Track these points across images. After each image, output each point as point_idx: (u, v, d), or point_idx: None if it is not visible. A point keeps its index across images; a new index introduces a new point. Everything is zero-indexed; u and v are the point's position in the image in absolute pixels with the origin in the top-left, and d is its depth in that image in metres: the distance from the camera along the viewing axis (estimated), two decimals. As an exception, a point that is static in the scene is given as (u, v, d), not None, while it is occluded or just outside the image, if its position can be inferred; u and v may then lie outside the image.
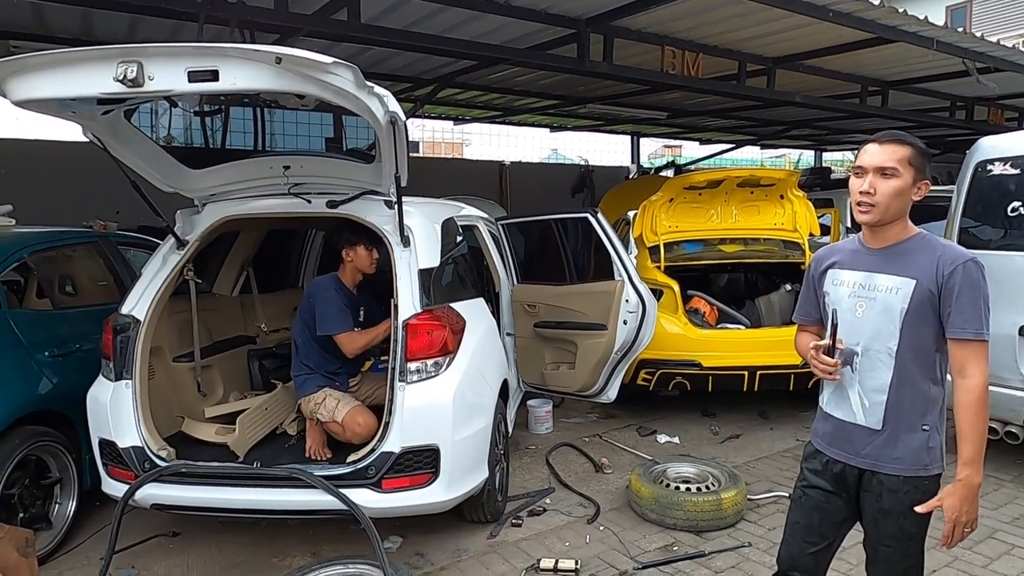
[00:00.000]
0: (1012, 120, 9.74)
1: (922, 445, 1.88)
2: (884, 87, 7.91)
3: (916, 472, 1.88)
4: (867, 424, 1.93)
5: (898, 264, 1.88)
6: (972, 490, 1.81)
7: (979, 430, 1.82)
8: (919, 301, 1.84)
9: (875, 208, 1.85)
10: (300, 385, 3.53)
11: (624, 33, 5.64)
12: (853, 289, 1.95)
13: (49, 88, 2.43)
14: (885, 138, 1.87)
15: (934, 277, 1.82)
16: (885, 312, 1.88)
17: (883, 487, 1.91)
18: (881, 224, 1.89)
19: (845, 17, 5.22)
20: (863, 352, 1.92)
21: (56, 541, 3.41)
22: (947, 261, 1.82)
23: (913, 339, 1.86)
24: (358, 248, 3.60)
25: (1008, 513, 3.69)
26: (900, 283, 1.86)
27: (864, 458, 1.94)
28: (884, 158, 1.84)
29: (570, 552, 3.34)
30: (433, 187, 5.21)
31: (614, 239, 4.42)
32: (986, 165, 4.32)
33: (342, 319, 3.47)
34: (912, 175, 1.84)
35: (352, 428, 3.28)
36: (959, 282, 1.81)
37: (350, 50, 6.05)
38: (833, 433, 2.02)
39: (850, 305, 1.95)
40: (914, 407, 1.89)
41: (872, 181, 1.84)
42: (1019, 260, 4.09)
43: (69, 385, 3.49)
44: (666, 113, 10.17)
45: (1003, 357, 4.08)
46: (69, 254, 4.23)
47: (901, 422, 1.89)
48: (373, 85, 2.59)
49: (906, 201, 1.86)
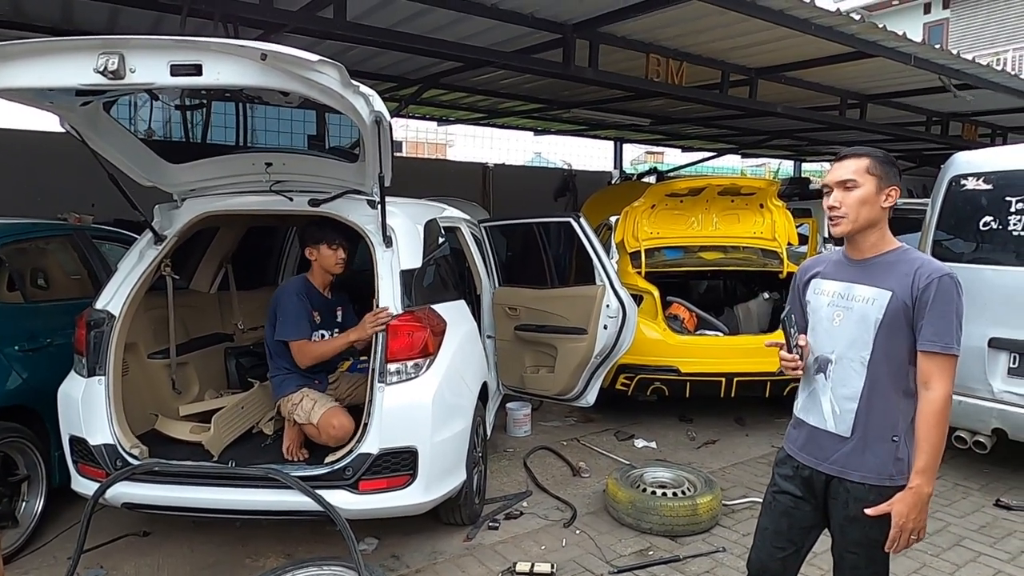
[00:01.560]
0: (985, 136, 9.96)
1: (890, 455, 1.91)
2: (863, 100, 8.06)
3: (882, 482, 1.90)
4: (837, 431, 1.96)
5: (876, 276, 1.92)
6: (922, 499, 1.83)
7: (935, 442, 1.83)
8: (894, 312, 1.87)
9: (844, 219, 1.92)
10: (278, 386, 3.47)
11: (610, 40, 5.68)
12: (832, 298, 2.00)
13: (27, 77, 2.38)
14: (844, 154, 1.96)
15: (909, 289, 1.86)
16: (861, 322, 1.92)
17: (849, 495, 1.94)
18: (854, 234, 1.95)
19: (826, 31, 5.31)
20: (837, 360, 1.97)
21: (22, 539, 3.34)
22: (923, 274, 1.86)
23: (886, 349, 1.89)
24: (320, 247, 3.49)
25: (975, 521, 3.76)
26: (876, 294, 1.90)
27: (832, 464, 1.98)
28: (843, 172, 1.93)
29: (546, 556, 3.35)
30: (416, 188, 5.19)
31: (596, 244, 4.44)
32: (960, 180, 4.42)
33: (298, 327, 3.37)
34: (874, 183, 1.90)
35: (327, 431, 3.23)
36: (933, 295, 1.83)
37: (335, 48, 6.01)
38: (804, 439, 2.06)
39: (828, 314, 2.00)
40: (884, 417, 1.92)
41: (836, 195, 1.93)
42: (990, 273, 4.19)
43: (39, 380, 3.43)
44: (649, 120, 10.25)
45: (973, 368, 4.17)
46: (42, 247, 4.15)
47: (870, 431, 1.92)
48: (359, 84, 2.57)
49: (875, 209, 1.92)
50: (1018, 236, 4.09)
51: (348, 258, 3.59)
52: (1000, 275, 4.14)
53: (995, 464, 4.49)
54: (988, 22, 17.44)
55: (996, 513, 3.87)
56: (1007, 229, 4.14)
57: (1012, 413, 4.02)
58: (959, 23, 18.19)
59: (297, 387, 3.40)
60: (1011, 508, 3.90)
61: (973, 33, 17.50)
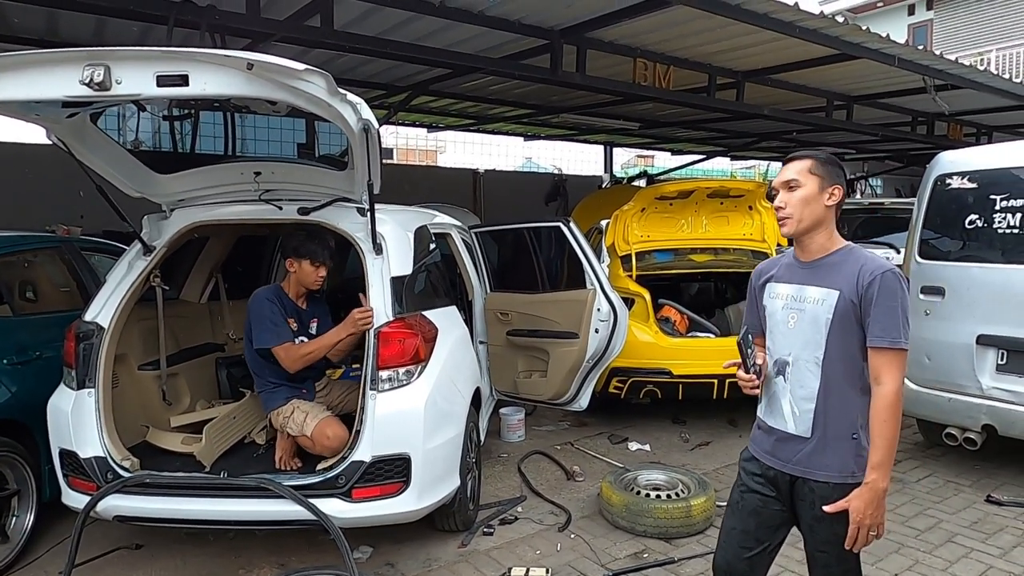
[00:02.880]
0: (970, 136, 10.06)
1: (851, 453, 1.93)
2: (849, 101, 8.12)
3: (844, 479, 1.92)
4: (797, 432, 1.99)
5: (825, 276, 1.96)
6: (877, 494, 1.85)
7: (888, 436, 1.85)
8: (842, 311, 1.90)
9: (790, 219, 1.97)
10: (266, 400, 3.44)
11: (597, 44, 5.71)
12: (786, 301, 2.03)
13: (12, 90, 2.38)
14: (789, 158, 2.03)
15: (855, 287, 1.89)
16: (813, 323, 1.95)
17: (815, 495, 1.95)
18: (801, 234, 1.99)
19: (811, 33, 5.35)
20: (793, 362, 2.00)
21: (13, 555, 3.31)
22: (867, 272, 1.89)
23: (838, 348, 1.92)
24: (303, 262, 3.43)
25: (967, 517, 3.79)
26: (825, 294, 1.94)
27: (795, 466, 2.00)
28: (787, 173, 1.99)
29: (541, 560, 3.35)
30: (406, 194, 5.20)
31: (586, 248, 4.45)
32: (945, 179, 4.46)
33: (277, 331, 3.31)
34: (817, 182, 1.95)
35: (321, 442, 3.21)
36: (877, 292, 1.86)
37: (323, 56, 6.01)
38: (767, 441, 2.08)
39: (783, 317, 2.03)
40: (842, 415, 1.94)
41: (782, 196, 1.99)
42: (976, 271, 4.23)
43: (29, 394, 3.40)
44: (639, 124, 10.29)
45: (961, 365, 4.21)
46: (30, 259, 4.13)
47: (829, 430, 1.94)
48: (346, 92, 2.58)
49: (818, 208, 1.96)
50: (1003, 234, 4.13)
51: (329, 275, 3.54)
52: (987, 272, 4.18)
53: (985, 460, 4.53)
54: (971, 23, 17.62)
55: (987, 509, 3.89)
56: (992, 227, 4.18)
57: (1001, 409, 4.06)
58: (943, 24, 18.37)
59: (286, 399, 3.37)
60: (1002, 504, 3.93)
61: (957, 34, 17.68)
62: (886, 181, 16.17)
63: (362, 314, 3.15)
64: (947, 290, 4.33)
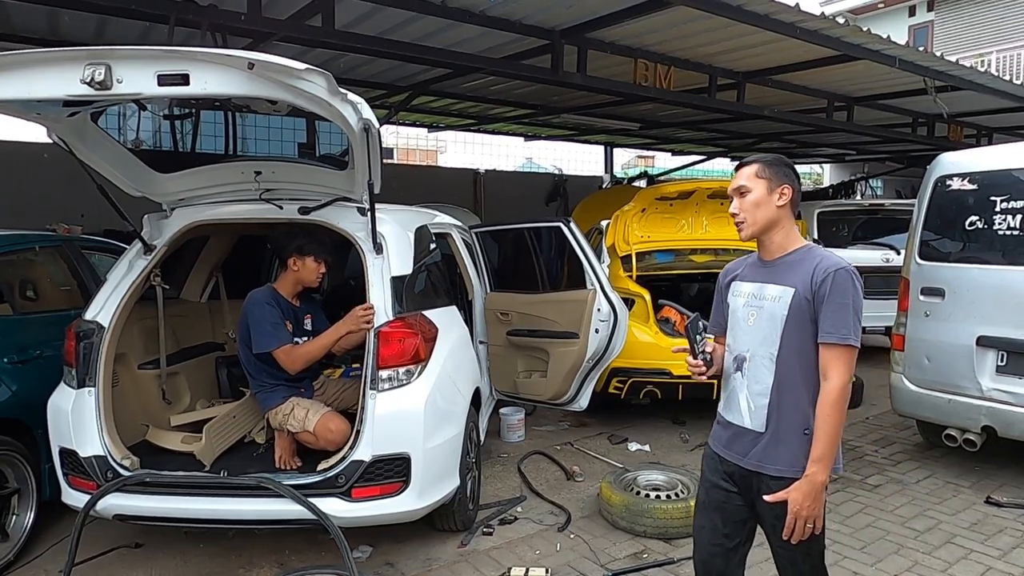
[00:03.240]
0: (971, 137, 10.05)
1: (802, 449, 1.95)
2: (850, 103, 8.12)
3: (795, 474, 1.94)
4: (753, 427, 2.03)
5: (782, 274, 2.01)
6: (816, 487, 1.88)
7: (829, 430, 1.89)
8: (797, 308, 1.94)
9: (744, 223, 2.04)
10: (264, 399, 3.43)
11: (598, 45, 5.71)
12: (747, 299, 2.09)
13: (13, 89, 2.38)
14: (738, 166, 2.10)
15: (809, 285, 1.93)
16: (770, 320, 2.00)
17: (771, 491, 1.97)
18: (758, 235, 2.05)
19: (812, 35, 5.35)
20: (751, 358, 2.04)
21: (13, 553, 3.32)
22: (820, 269, 1.93)
23: (793, 345, 1.96)
24: (307, 259, 3.45)
25: (966, 519, 3.79)
26: (782, 292, 1.98)
27: (750, 460, 2.03)
28: (737, 180, 2.06)
29: (541, 560, 3.35)
30: (407, 194, 5.20)
31: (587, 248, 4.45)
32: (945, 180, 4.46)
33: (277, 334, 3.31)
34: (765, 185, 2.01)
35: (325, 436, 3.24)
36: (828, 289, 1.90)
37: (324, 56, 6.02)
38: (726, 437, 2.12)
39: (744, 314, 2.08)
40: (795, 411, 1.97)
41: (735, 203, 2.06)
42: (976, 272, 4.23)
43: (29, 392, 3.40)
44: (639, 124, 10.29)
45: (961, 366, 4.21)
46: (31, 258, 4.13)
47: (782, 425, 1.98)
48: (347, 92, 2.58)
49: (770, 210, 2.01)
50: (1003, 235, 4.13)
51: (328, 273, 3.58)
52: (987, 274, 4.18)
53: (985, 461, 4.53)
54: (972, 24, 17.62)
55: (987, 510, 3.89)
56: (992, 228, 4.18)
57: (1001, 410, 4.06)
58: (944, 25, 18.36)
59: (284, 398, 3.38)
60: (1001, 505, 3.93)
61: (958, 35, 17.67)
62: (886, 182, 16.16)
63: (364, 311, 3.15)
64: (947, 291, 4.33)
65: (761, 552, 3.40)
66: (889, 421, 5.50)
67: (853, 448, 5.00)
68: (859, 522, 3.76)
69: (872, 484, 4.31)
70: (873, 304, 7.29)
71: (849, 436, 5.28)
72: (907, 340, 4.54)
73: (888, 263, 7.30)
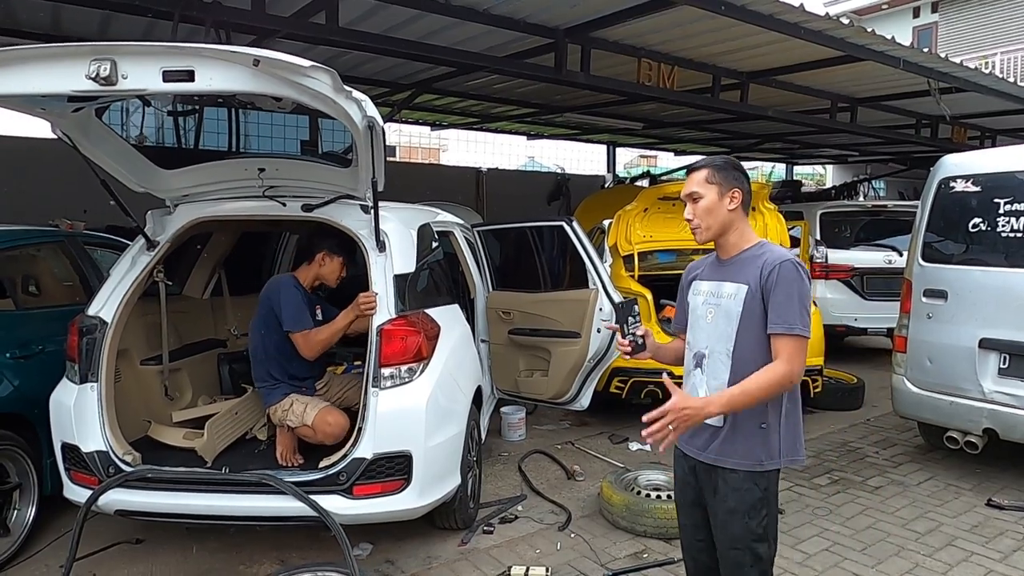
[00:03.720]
0: (974, 139, 10.04)
1: (759, 442, 1.99)
2: (853, 103, 8.11)
3: (752, 467, 1.99)
4: (712, 422, 2.03)
5: (737, 272, 2.05)
6: (700, 411, 1.88)
7: (749, 387, 1.90)
8: (749, 303, 1.98)
9: (699, 228, 2.08)
10: (266, 394, 3.45)
11: (601, 44, 5.70)
12: (706, 297, 2.12)
13: (18, 84, 2.38)
14: (689, 170, 2.12)
15: (759, 279, 1.97)
16: (726, 316, 2.03)
17: (727, 486, 2.02)
18: (714, 238, 2.09)
19: (816, 35, 5.35)
20: (709, 354, 2.07)
21: (14, 548, 3.32)
22: (768, 263, 1.97)
23: (747, 341, 1.99)
24: (336, 259, 3.58)
25: (967, 521, 3.78)
26: (736, 288, 2.02)
27: (709, 454, 2.06)
28: (689, 186, 2.09)
29: (541, 559, 3.35)
30: (410, 192, 5.20)
31: (589, 248, 4.45)
32: (949, 182, 4.46)
33: (302, 318, 3.39)
34: (715, 190, 2.04)
35: (323, 429, 3.25)
36: (775, 281, 1.94)
37: (328, 53, 6.01)
38: (689, 432, 2.09)
39: (703, 312, 2.11)
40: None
41: (688, 208, 2.09)
42: (979, 274, 4.22)
43: (31, 387, 3.41)
44: (642, 124, 10.28)
45: (963, 368, 4.21)
46: (33, 253, 4.14)
47: (738, 419, 2.00)
48: (351, 89, 2.58)
49: (722, 213, 2.05)
50: (1007, 237, 4.13)
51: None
52: (989, 276, 4.17)
53: (986, 464, 4.52)
54: (976, 26, 17.59)
55: (988, 513, 3.89)
56: (996, 231, 4.17)
57: (1003, 413, 4.05)
58: (948, 27, 18.34)
59: (284, 395, 3.40)
60: (1003, 508, 3.93)
61: (962, 37, 17.65)
62: (889, 184, 16.15)
63: (366, 298, 3.19)
64: (950, 293, 4.32)
65: (762, 553, 3.40)
66: (890, 423, 5.49)
67: (854, 449, 5.00)
68: (860, 523, 3.75)
69: (873, 486, 4.31)
70: (875, 305, 7.43)
71: (850, 437, 5.28)
72: (909, 342, 4.53)
73: (890, 264, 7.30)
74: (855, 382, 6.33)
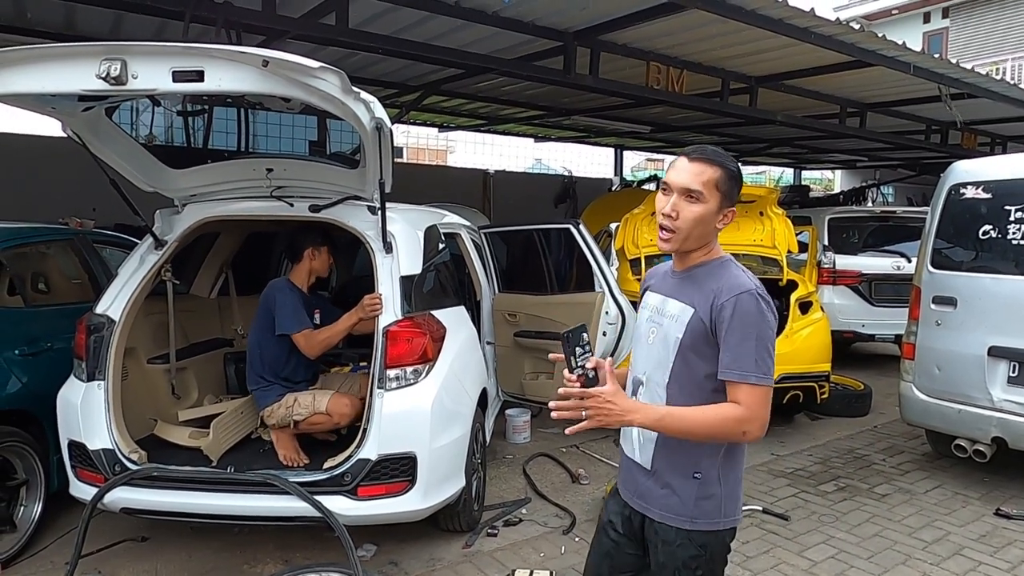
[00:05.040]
0: (984, 145, 9.99)
1: (690, 494, 1.67)
2: (862, 109, 8.07)
3: (681, 524, 1.67)
4: (641, 462, 1.75)
5: (686, 290, 1.71)
6: (624, 411, 1.55)
7: (687, 420, 1.57)
8: (693, 331, 1.64)
9: (675, 235, 1.67)
10: (261, 397, 3.46)
11: (610, 47, 5.70)
12: (650, 313, 1.79)
13: (30, 83, 2.39)
14: (696, 155, 1.68)
15: (709, 308, 1.62)
16: (665, 341, 1.70)
17: (658, 537, 1.72)
18: (680, 250, 1.72)
19: (826, 40, 5.33)
20: (646, 382, 1.75)
21: (20, 544, 3.33)
22: (724, 292, 1.61)
23: (684, 372, 1.65)
24: (322, 250, 3.64)
25: (975, 530, 3.75)
26: (681, 310, 1.68)
27: (638, 500, 1.77)
28: (690, 179, 1.65)
29: (545, 563, 3.34)
30: (417, 194, 5.20)
31: (595, 251, 4.45)
32: (959, 188, 4.43)
33: (299, 318, 3.43)
34: (718, 201, 1.65)
35: (340, 411, 3.33)
36: (729, 316, 1.58)
37: (337, 54, 6.03)
38: (624, 470, 1.85)
39: (645, 331, 1.79)
40: (682, 450, 1.67)
41: (676, 202, 1.66)
42: (989, 282, 4.19)
43: (39, 385, 3.42)
44: (650, 127, 10.27)
45: (972, 376, 4.17)
46: (43, 251, 4.16)
47: (668, 465, 1.69)
48: (359, 91, 2.58)
49: (709, 229, 1.67)
50: (1017, 245, 4.10)
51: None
52: (999, 284, 4.14)
53: (995, 473, 4.48)
54: (987, 32, 17.51)
55: (996, 522, 3.85)
56: (1006, 238, 4.14)
57: (1012, 422, 4.02)
58: (958, 33, 18.25)
59: (279, 396, 3.41)
60: (1011, 517, 3.89)
61: (972, 42, 17.56)
62: (898, 189, 16.08)
63: (371, 300, 3.22)
64: (959, 301, 4.29)
65: (766, 559, 3.39)
66: (898, 430, 5.45)
67: (861, 456, 4.97)
68: (866, 531, 3.73)
69: (880, 493, 4.28)
70: (883, 312, 7.39)
71: (857, 444, 5.24)
72: (917, 349, 4.51)
73: (899, 271, 7.26)
74: (862, 389, 6.29)
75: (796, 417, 5.77)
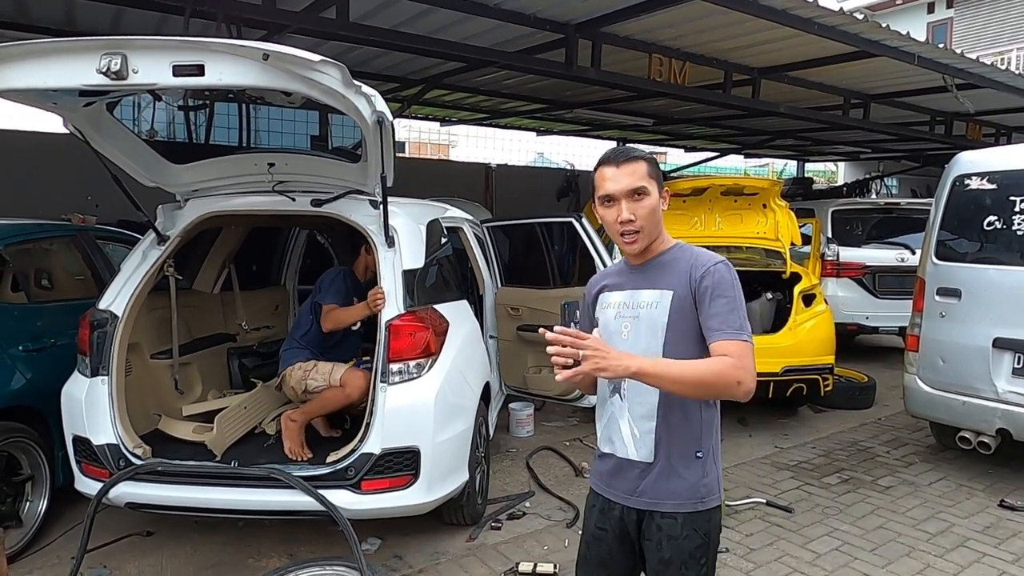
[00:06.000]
0: (989, 136, 9.93)
1: (698, 475, 1.71)
2: (866, 100, 8.03)
3: (695, 507, 1.70)
4: (639, 457, 1.73)
5: (656, 277, 1.75)
6: (620, 357, 1.55)
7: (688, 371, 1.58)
8: (678, 311, 1.69)
9: (641, 234, 1.71)
10: (286, 357, 3.67)
11: (612, 39, 5.67)
12: (618, 309, 1.79)
13: (30, 78, 2.39)
14: (619, 158, 1.72)
15: (688, 284, 1.69)
16: (649, 329, 1.72)
17: (662, 533, 1.71)
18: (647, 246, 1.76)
19: (830, 30, 5.29)
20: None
21: (26, 539, 3.36)
22: (698, 265, 1.69)
23: (676, 354, 1.66)
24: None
25: (979, 522, 3.75)
26: (659, 296, 1.72)
27: (640, 498, 1.74)
28: (630, 180, 1.69)
29: (549, 556, 3.35)
30: (419, 188, 5.19)
31: (598, 244, 4.43)
32: (964, 180, 4.41)
33: (334, 293, 3.66)
34: (656, 188, 1.72)
35: (354, 383, 3.41)
36: (712, 285, 1.66)
37: (338, 48, 6.01)
38: (609, 472, 1.81)
39: (616, 327, 1.77)
40: (685, 432, 1.71)
41: (629, 207, 1.69)
42: (994, 273, 4.18)
43: (43, 380, 3.44)
44: (652, 120, 10.22)
45: (976, 368, 4.16)
46: (46, 247, 4.16)
47: (674, 450, 1.71)
48: (361, 84, 2.57)
49: (660, 215, 1.74)
50: (1022, 236, 4.07)
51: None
52: (1004, 275, 4.13)
53: (999, 464, 4.48)
54: (992, 21, 17.38)
55: (1000, 514, 3.85)
56: (1011, 229, 4.12)
57: (1016, 413, 4.01)
58: (963, 23, 18.13)
59: (307, 359, 3.62)
60: (1015, 509, 3.89)
61: (977, 32, 17.44)
62: (902, 181, 16.00)
63: (373, 295, 3.28)
64: (963, 292, 4.28)
65: (770, 552, 3.39)
66: (902, 422, 5.45)
67: (865, 449, 4.97)
68: (870, 523, 3.73)
69: (884, 485, 4.28)
70: (887, 304, 7.37)
71: (861, 436, 5.24)
72: (922, 341, 4.49)
73: (903, 263, 7.23)
74: (866, 381, 6.29)
75: (800, 410, 5.77)
